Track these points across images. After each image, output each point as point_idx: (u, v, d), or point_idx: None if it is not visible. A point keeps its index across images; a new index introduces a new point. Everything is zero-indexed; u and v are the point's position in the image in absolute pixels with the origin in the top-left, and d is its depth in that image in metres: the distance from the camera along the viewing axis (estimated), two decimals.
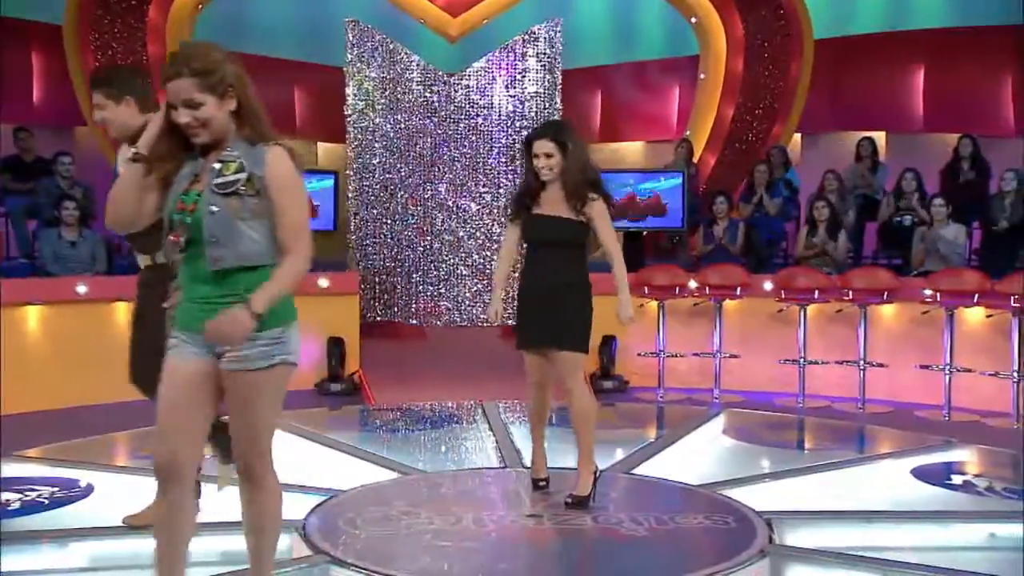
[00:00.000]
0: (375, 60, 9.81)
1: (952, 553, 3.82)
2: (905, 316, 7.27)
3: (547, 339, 4.32)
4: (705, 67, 11.01)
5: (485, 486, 4.67)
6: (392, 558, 3.52)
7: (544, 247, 4.33)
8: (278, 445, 5.36)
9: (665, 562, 3.57)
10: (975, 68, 10.98)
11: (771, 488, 4.63)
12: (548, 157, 4.21)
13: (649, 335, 7.64)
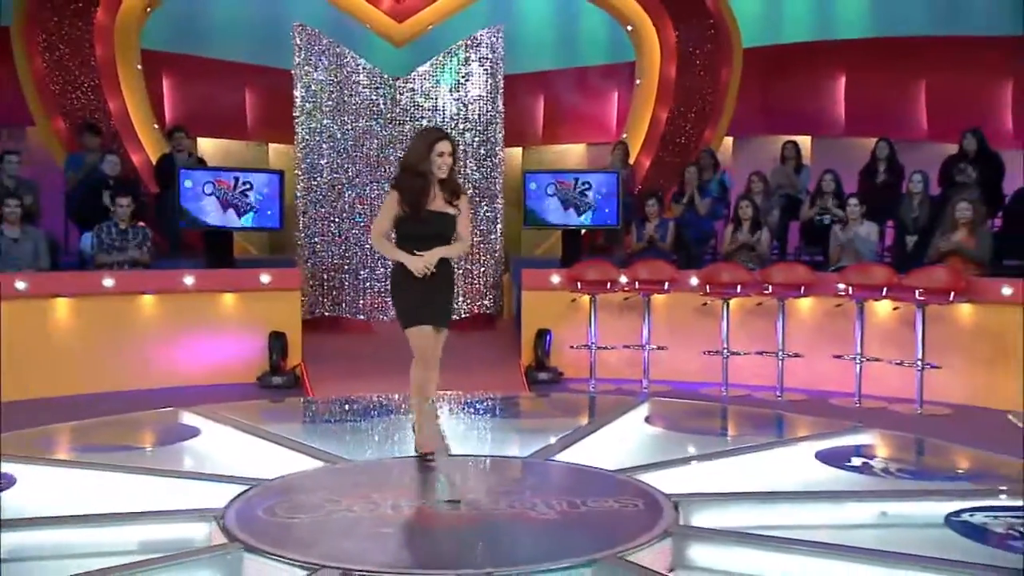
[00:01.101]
0: (322, 63, 9.74)
1: (844, 531, 3.83)
2: (820, 309, 7.37)
3: (442, 318, 4.62)
4: (641, 73, 11.08)
5: (408, 474, 4.57)
6: (305, 544, 3.44)
7: (433, 239, 4.51)
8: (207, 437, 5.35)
9: (570, 543, 3.51)
10: (892, 76, 11.14)
11: (683, 472, 4.64)
12: (448, 156, 4.45)
13: (582, 329, 7.67)
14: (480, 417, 6.26)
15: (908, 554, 3.46)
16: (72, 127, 9.42)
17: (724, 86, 10.57)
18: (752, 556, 3.54)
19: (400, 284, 4.63)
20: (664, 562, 3.51)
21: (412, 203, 4.44)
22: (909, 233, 8.24)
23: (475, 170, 9.85)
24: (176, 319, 7.32)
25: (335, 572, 3.14)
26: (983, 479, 4.81)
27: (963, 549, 3.59)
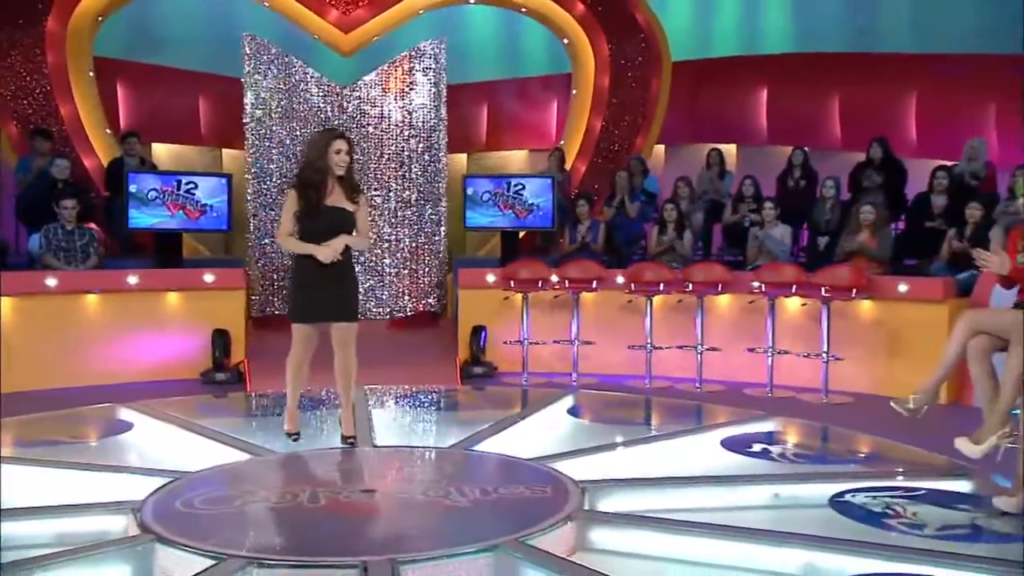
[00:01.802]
0: (271, 72, 9.65)
1: (739, 512, 3.88)
2: (737, 305, 7.42)
3: (336, 313, 4.60)
4: (576, 84, 11.10)
5: (331, 464, 4.51)
6: (216, 535, 3.36)
7: (333, 233, 4.50)
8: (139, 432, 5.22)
9: (476, 529, 3.51)
10: (809, 89, 11.27)
11: (596, 460, 4.61)
12: (345, 153, 4.48)
13: (515, 325, 7.64)
14: (410, 409, 6.20)
15: (791, 533, 3.49)
16: (23, 132, 9.19)
17: (654, 97, 10.64)
18: (650, 538, 3.58)
19: (298, 280, 4.65)
20: (565, 545, 3.49)
21: (311, 199, 4.45)
22: (821, 234, 8.36)
23: (420, 175, 9.81)
24: (121, 318, 7.16)
25: (240, 561, 3.07)
26: (870, 462, 4.89)
27: (842, 527, 3.64)
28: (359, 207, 4.63)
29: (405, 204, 9.79)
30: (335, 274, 4.55)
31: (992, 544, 3.47)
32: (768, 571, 3.32)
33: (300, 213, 4.49)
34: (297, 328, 4.65)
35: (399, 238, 9.82)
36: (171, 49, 11.63)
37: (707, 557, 3.41)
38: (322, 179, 4.46)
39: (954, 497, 4.04)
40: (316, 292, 4.54)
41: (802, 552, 3.36)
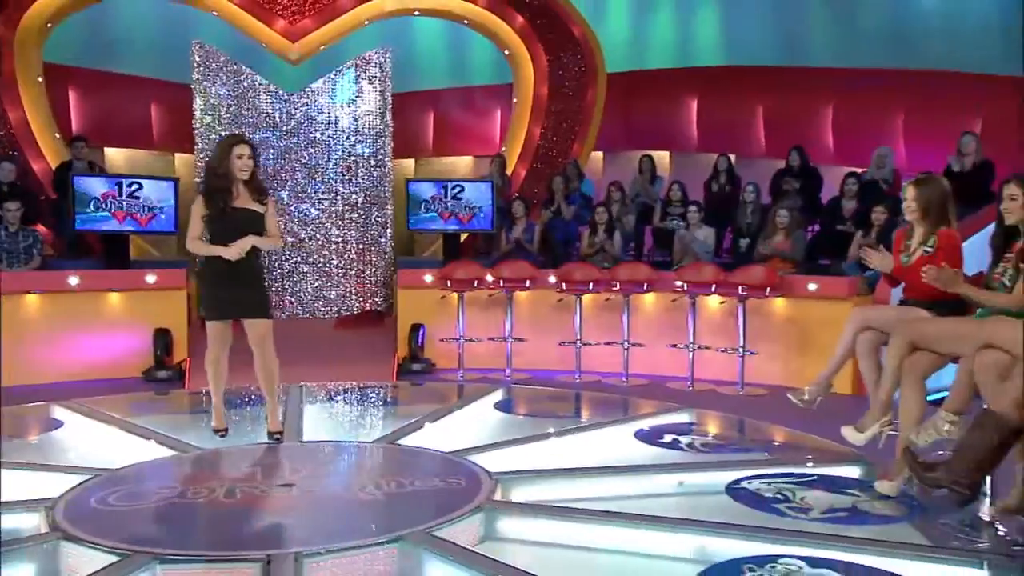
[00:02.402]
0: (220, 78, 9.49)
1: (642, 500, 3.87)
2: (661, 303, 7.44)
3: (249, 311, 4.53)
4: (517, 93, 11.08)
5: (254, 460, 4.38)
6: (125, 531, 3.25)
7: (241, 235, 4.42)
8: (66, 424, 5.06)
9: (385, 521, 3.43)
10: (737, 99, 11.36)
11: (514, 452, 4.54)
12: (248, 158, 4.41)
13: (452, 323, 7.59)
14: (343, 405, 6.08)
15: (685, 519, 3.49)
16: None
17: (590, 106, 10.66)
18: (554, 527, 3.53)
19: (205, 280, 4.60)
20: (473, 535, 3.45)
21: (217, 202, 4.37)
22: (743, 236, 8.43)
23: (366, 179, 9.72)
24: (62, 318, 6.96)
25: (145, 558, 2.97)
26: (771, 451, 4.90)
27: (735, 513, 3.65)
28: (267, 208, 4.55)
29: (352, 207, 9.69)
30: (244, 273, 4.47)
31: (869, 525, 3.50)
32: (663, 556, 3.31)
33: (208, 217, 4.42)
34: (211, 326, 4.57)
35: (346, 240, 9.72)
36: (124, 56, 11.41)
37: (607, 544, 3.39)
38: (226, 184, 4.39)
39: (843, 482, 4.07)
40: (226, 291, 4.46)
41: (695, 537, 3.36)
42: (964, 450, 2.67)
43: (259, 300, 4.59)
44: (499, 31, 10.68)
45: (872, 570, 3.05)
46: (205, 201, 4.44)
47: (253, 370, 4.67)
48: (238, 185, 4.44)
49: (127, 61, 11.33)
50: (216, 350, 4.60)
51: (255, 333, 4.56)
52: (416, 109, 12.10)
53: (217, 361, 4.63)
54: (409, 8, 10.52)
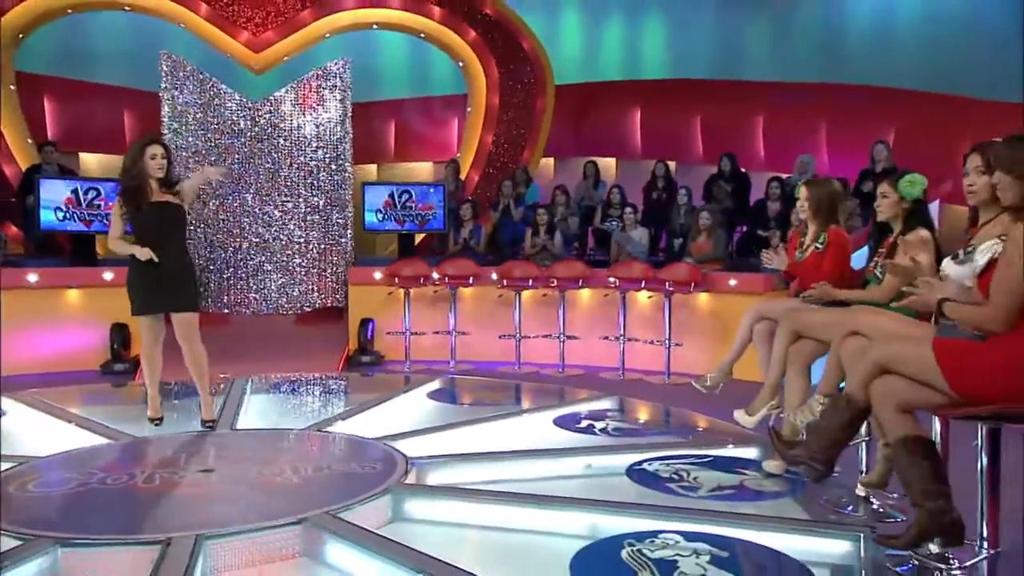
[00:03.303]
0: (187, 87, 9.33)
1: (548, 482, 3.80)
2: (595, 299, 7.42)
3: (178, 302, 4.44)
4: (471, 102, 11.01)
5: (180, 447, 4.26)
6: (33, 517, 3.13)
7: (162, 226, 4.39)
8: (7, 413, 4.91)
9: (291, 504, 3.32)
10: (677, 110, 11.39)
11: (435, 438, 4.47)
12: (161, 158, 4.39)
13: (399, 318, 7.51)
14: (285, 395, 5.92)
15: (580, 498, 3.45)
16: None
17: (539, 115, 10.61)
18: (459, 508, 3.47)
19: (133, 276, 4.49)
20: (380, 517, 3.37)
21: (133, 200, 4.27)
22: (676, 236, 8.42)
23: (327, 182, 9.61)
24: (22, 313, 6.79)
25: (48, 541, 2.87)
26: (678, 433, 4.87)
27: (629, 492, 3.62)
28: (182, 191, 4.51)
29: (313, 209, 9.55)
30: (168, 269, 4.37)
31: (753, 502, 3.48)
32: (554, 533, 3.25)
33: (127, 215, 4.32)
34: (141, 321, 4.47)
35: (308, 240, 9.58)
36: (97, 66, 11.20)
37: (504, 523, 3.34)
38: (139, 184, 4.30)
39: (738, 463, 4.05)
40: (152, 286, 4.36)
41: (587, 515, 3.31)
42: (818, 430, 2.66)
43: (184, 294, 4.48)
44: (453, 44, 10.60)
45: (743, 542, 3.02)
46: (122, 201, 4.34)
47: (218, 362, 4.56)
48: (154, 183, 4.34)
49: (100, 71, 11.14)
50: (149, 343, 4.51)
51: (181, 325, 4.46)
52: (379, 117, 12.02)
53: (151, 354, 4.53)
54: (367, 22, 10.41)
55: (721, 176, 9.03)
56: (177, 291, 4.42)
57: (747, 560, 2.89)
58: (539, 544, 3.15)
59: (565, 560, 2.90)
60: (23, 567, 2.76)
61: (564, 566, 2.86)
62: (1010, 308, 2.36)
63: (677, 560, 2.83)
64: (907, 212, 3.57)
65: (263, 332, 8.81)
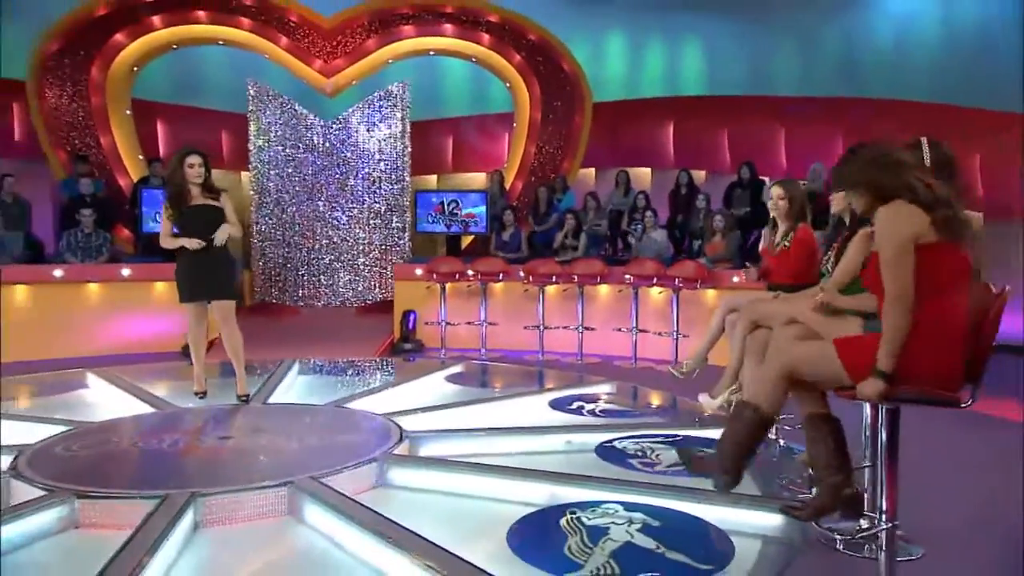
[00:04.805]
0: (269, 109, 9.65)
1: (526, 456, 3.73)
2: (612, 294, 7.26)
3: (217, 291, 4.50)
4: (516, 118, 10.95)
5: (210, 417, 4.29)
6: (62, 472, 3.22)
7: (202, 226, 4.44)
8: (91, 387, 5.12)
9: (283, 469, 3.28)
10: (707, 124, 11.09)
11: (435, 415, 4.42)
12: (199, 166, 4.43)
13: (436, 310, 7.54)
14: (323, 376, 5.91)
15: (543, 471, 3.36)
16: (70, 157, 9.21)
17: (577, 130, 10.47)
18: (437, 477, 3.43)
19: (180, 269, 4.59)
20: (365, 483, 3.36)
21: (176, 203, 4.37)
22: (696, 239, 8.17)
23: (388, 191, 9.76)
24: (119, 302, 7.14)
25: (67, 494, 2.97)
26: (659, 415, 4.72)
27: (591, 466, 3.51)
28: (223, 202, 4.55)
29: (376, 214, 9.74)
30: (209, 261, 4.47)
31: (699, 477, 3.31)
32: (520, 501, 3.18)
33: (172, 217, 4.44)
34: (187, 308, 4.56)
35: (371, 241, 9.76)
36: (199, 92, 11.64)
37: (472, 491, 3.29)
38: (180, 189, 4.40)
39: (703, 442, 3.87)
40: (195, 277, 4.47)
41: (549, 486, 3.23)
42: (724, 440, 2.45)
43: (223, 284, 4.57)
44: (501, 67, 10.57)
45: (679, 514, 2.88)
46: (168, 204, 4.46)
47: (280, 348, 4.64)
48: (194, 188, 4.44)
49: (202, 97, 11.57)
50: (193, 327, 4.63)
51: (220, 311, 4.55)
52: (439, 133, 12.09)
53: (196, 336, 4.65)
54: (424, 48, 10.48)
55: (740, 184, 8.72)
56: (217, 282, 4.52)
57: (674, 529, 2.75)
58: (494, 509, 3.09)
59: (509, 523, 2.83)
60: (46, 512, 2.88)
61: (506, 528, 2.79)
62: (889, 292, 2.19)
63: (609, 528, 2.73)
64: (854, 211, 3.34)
65: (327, 322, 8.99)
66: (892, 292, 2.16)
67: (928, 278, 2.15)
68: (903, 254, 2.14)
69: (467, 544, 2.63)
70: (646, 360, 6.78)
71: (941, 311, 2.16)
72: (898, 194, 2.20)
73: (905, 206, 2.18)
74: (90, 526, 2.89)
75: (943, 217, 2.16)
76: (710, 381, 4.09)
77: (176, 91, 11.50)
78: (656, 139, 11.74)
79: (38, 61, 9.03)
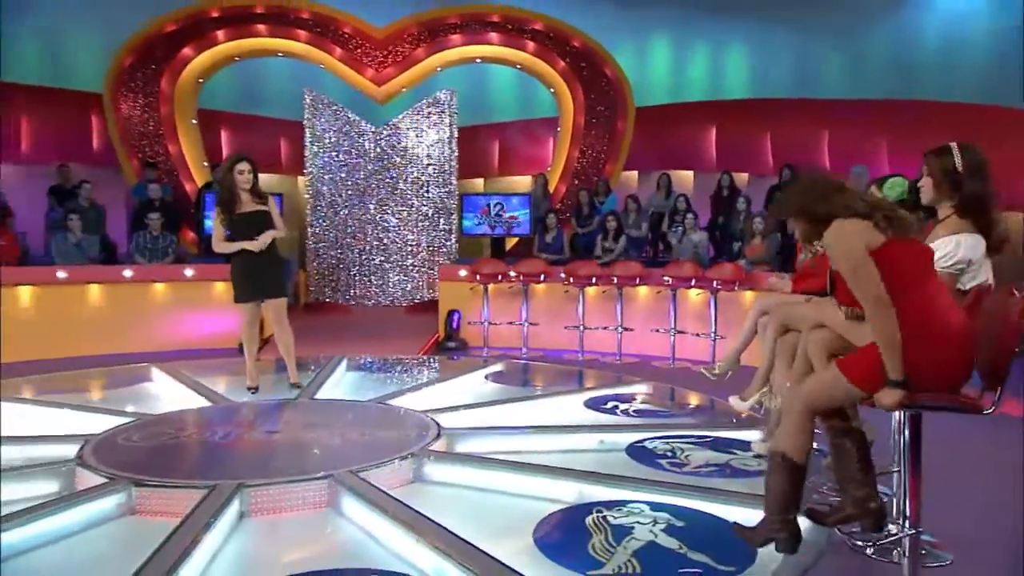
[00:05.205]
0: (324, 116, 9.85)
1: (557, 455, 3.71)
2: (651, 295, 7.18)
3: (269, 291, 4.64)
4: (560, 123, 10.92)
5: (261, 411, 4.37)
6: (123, 461, 3.34)
7: (251, 230, 4.58)
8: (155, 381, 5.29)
9: (331, 462, 3.35)
10: (750, 127, 10.88)
11: (473, 412, 4.41)
12: (248, 172, 4.57)
13: (479, 309, 7.58)
14: (368, 373, 5.93)
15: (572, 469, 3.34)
16: (140, 164, 9.57)
17: (620, 134, 10.39)
18: (473, 473, 3.45)
19: (235, 271, 4.71)
20: (402, 477, 3.41)
21: (227, 208, 4.48)
22: (736, 241, 8.02)
23: (435, 195, 9.85)
24: (182, 301, 7.39)
25: (125, 482, 3.09)
26: (693, 415, 4.62)
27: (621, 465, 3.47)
28: (270, 206, 4.68)
29: (424, 217, 9.84)
30: (262, 263, 4.59)
31: (729, 478, 3.26)
32: (549, 499, 3.17)
33: (225, 222, 4.56)
34: (241, 307, 4.69)
35: (419, 242, 9.87)
36: (260, 101, 11.96)
37: (507, 488, 3.30)
38: (230, 195, 4.51)
39: (736, 444, 3.80)
40: (249, 278, 4.59)
41: (578, 484, 3.22)
42: (767, 496, 2.35)
43: (275, 284, 4.71)
44: (545, 73, 10.56)
45: (704, 514, 2.84)
46: (219, 211, 4.58)
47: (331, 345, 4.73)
48: (244, 194, 4.56)
49: (262, 106, 11.88)
50: (247, 325, 4.76)
51: (272, 310, 4.69)
52: (486, 138, 12.15)
53: (250, 335, 4.78)
54: (471, 56, 10.54)
55: (781, 186, 8.52)
56: (269, 282, 4.66)
57: (698, 529, 2.71)
58: (523, 506, 3.09)
59: (537, 520, 2.83)
60: (106, 499, 3.01)
61: (533, 525, 2.79)
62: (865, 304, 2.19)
63: (634, 527, 2.70)
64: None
65: (376, 320, 9.11)
66: (868, 302, 2.15)
67: (895, 277, 2.15)
68: (861, 265, 2.16)
69: (495, 540, 2.65)
70: (684, 360, 6.68)
71: (920, 305, 2.15)
72: (835, 214, 2.22)
73: (846, 222, 2.20)
74: (145, 512, 3.00)
75: (883, 217, 2.18)
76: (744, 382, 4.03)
77: (238, 101, 11.84)
78: (698, 142, 11.57)
79: (113, 75, 9.41)
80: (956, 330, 2.15)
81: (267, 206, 4.67)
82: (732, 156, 11.00)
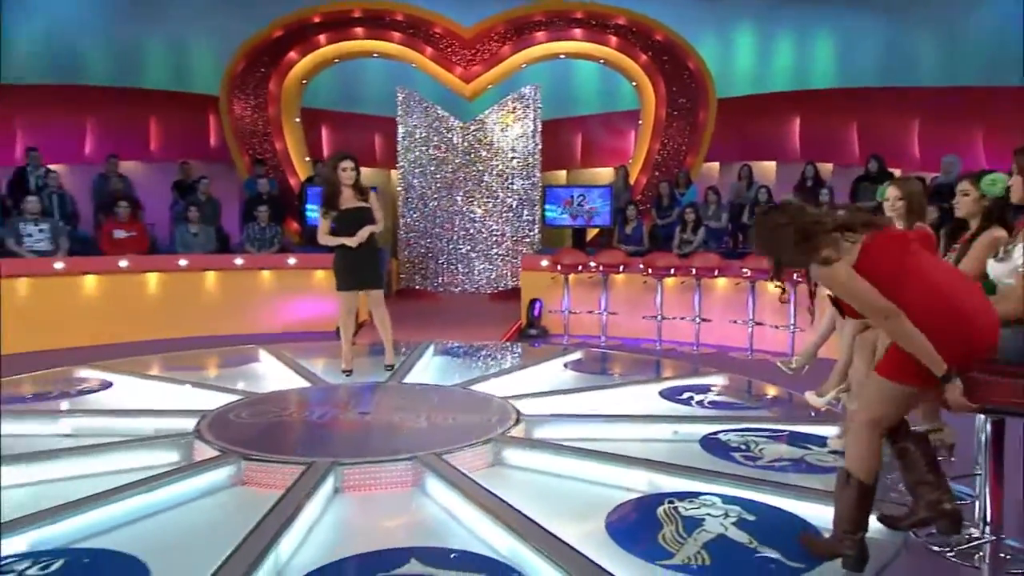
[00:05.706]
0: (416, 112, 10.04)
1: (632, 444, 3.67)
2: (729, 287, 6.98)
3: (368, 282, 4.78)
4: (642, 115, 10.72)
5: (355, 394, 4.48)
6: (233, 436, 3.52)
7: (354, 225, 4.67)
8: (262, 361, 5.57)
9: (411, 445, 3.43)
10: (835, 116, 10.33)
11: (551, 399, 4.42)
12: (351, 170, 4.65)
13: (560, 298, 7.57)
14: (454, 358, 6.00)
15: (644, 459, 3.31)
16: (251, 160, 10.06)
17: (701, 126, 10.09)
18: (550, 459, 3.46)
19: (337, 262, 4.85)
20: (482, 460, 3.46)
21: (331, 205, 4.61)
22: None
23: (520, 186, 9.90)
24: (285, 288, 7.74)
25: (235, 456, 3.28)
26: (769, 408, 4.46)
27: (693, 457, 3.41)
28: (371, 202, 4.80)
29: (508, 208, 9.91)
30: (362, 255, 4.74)
31: (807, 474, 3.14)
32: (622, 487, 3.16)
33: (328, 216, 4.70)
34: (341, 295, 4.87)
35: (503, 232, 9.95)
36: (359, 100, 12.29)
37: (581, 474, 3.30)
38: (334, 191, 4.65)
39: (811, 439, 3.65)
40: (350, 269, 4.74)
41: (650, 474, 3.19)
42: (836, 515, 2.29)
43: (373, 275, 4.85)
44: (628, 67, 10.37)
45: (776, 509, 2.75)
46: (325, 206, 4.74)
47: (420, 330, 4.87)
48: (347, 190, 4.68)
49: (361, 103, 12.21)
50: (345, 312, 4.94)
51: (371, 298, 4.88)
52: (569, 131, 12.06)
53: (347, 321, 4.95)
54: (555, 52, 10.47)
55: (867, 176, 8.06)
56: (368, 274, 4.82)
57: (769, 524, 2.63)
58: (597, 493, 3.09)
59: (609, 507, 2.83)
60: (219, 470, 3.23)
61: (606, 512, 2.79)
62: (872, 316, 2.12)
63: (705, 519, 2.65)
64: (986, 211, 3.01)
65: (462, 307, 9.26)
66: (876, 317, 2.08)
67: (884, 276, 2.07)
68: (850, 281, 2.10)
69: (568, 525, 2.67)
70: (762, 352, 6.47)
71: (921, 291, 2.06)
72: (810, 260, 2.16)
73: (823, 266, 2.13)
74: (252, 484, 3.19)
75: (844, 224, 2.12)
76: (822, 376, 3.87)
77: (338, 99, 12.22)
78: (782, 133, 11.08)
79: (228, 79, 9.92)
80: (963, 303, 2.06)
81: (368, 202, 4.79)
82: (817, 146, 10.49)
